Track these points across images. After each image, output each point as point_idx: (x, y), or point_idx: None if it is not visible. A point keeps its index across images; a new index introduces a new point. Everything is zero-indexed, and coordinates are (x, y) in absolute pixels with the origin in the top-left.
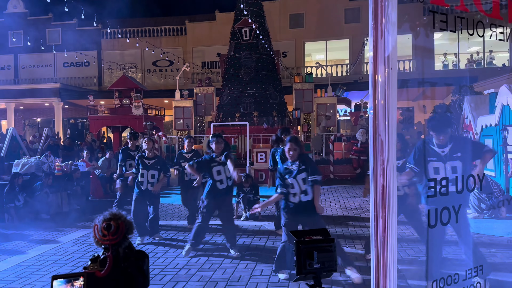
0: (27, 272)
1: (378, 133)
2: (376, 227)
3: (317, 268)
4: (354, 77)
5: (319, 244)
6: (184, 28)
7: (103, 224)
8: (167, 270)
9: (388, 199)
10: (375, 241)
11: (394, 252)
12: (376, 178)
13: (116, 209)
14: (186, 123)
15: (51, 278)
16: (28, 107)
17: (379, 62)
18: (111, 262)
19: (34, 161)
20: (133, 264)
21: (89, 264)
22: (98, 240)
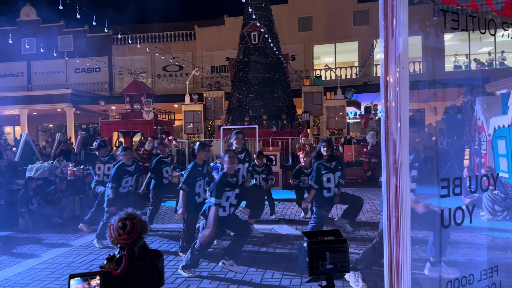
0: (41, 275)
1: (391, 133)
2: (389, 227)
3: (329, 269)
4: (363, 79)
5: (331, 244)
6: (193, 33)
7: (119, 223)
8: (179, 273)
9: (401, 198)
10: (388, 241)
11: (408, 252)
12: (389, 177)
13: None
14: (196, 127)
15: (69, 277)
16: (41, 113)
17: (390, 62)
18: (126, 260)
19: (47, 165)
20: (148, 263)
21: (105, 263)
22: (113, 239)
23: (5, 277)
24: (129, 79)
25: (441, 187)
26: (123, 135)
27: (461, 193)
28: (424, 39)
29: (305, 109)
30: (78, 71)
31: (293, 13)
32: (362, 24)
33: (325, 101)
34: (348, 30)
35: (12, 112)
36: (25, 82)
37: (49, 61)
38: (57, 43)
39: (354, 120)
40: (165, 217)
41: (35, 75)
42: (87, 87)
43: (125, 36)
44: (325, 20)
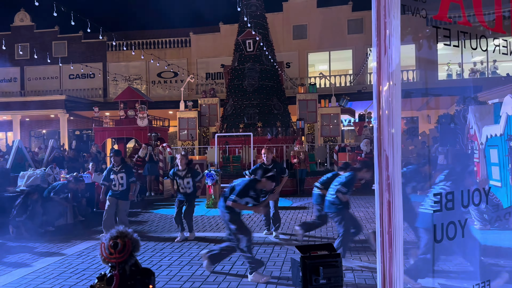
0: (32, 285)
1: (383, 148)
2: (382, 242)
3: (323, 283)
4: (357, 87)
5: (325, 259)
6: (188, 40)
7: (110, 242)
8: (172, 283)
9: (394, 214)
10: (381, 257)
11: (401, 267)
12: (382, 193)
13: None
14: (191, 134)
15: None
16: (34, 119)
17: (383, 78)
18: (117, 280)
19: (40, 173)
20: (140, 282)
21: (96, 283)
22: (105, 258)
23: None
24: (123, 85)
25: (434, 202)
26: (117, 141)
27: (454, 208)
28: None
29: (299, 117)
30: (72, 77)
31: (288, 21)
32: (356, 32)
33: (319, 109)
34: (342, 38)
35: (4, 118)
36: (18, 88)
37: (43, 67)
38: (51, 49)
39: (348, 127)
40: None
41: (28, 81)
42: (81, 93)
43: (120, 42)
44: (320, 28)
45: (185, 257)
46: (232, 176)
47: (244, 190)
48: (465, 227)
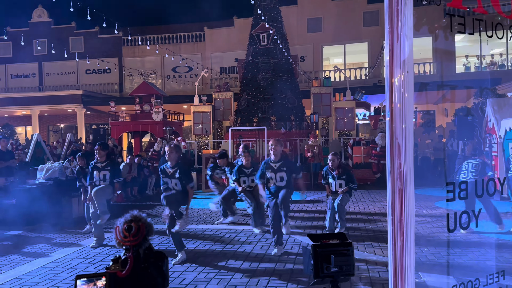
0: (51, 274)
1: (395, 137)
2: (394, 231)
3: (334, 272)
4: (373, 80)
5: (336, 248)
6: (202, 34)
7: (124, 225)
8: (186, 274)
9: (406, 202)
10: (393, 245)
11: (412, 256)
12: (394, 181)
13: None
14: (205, 128)
15: (75, 277)
16: (52, 114)
17: (396, 66)
18: (131, 262)
19: (58, 166)
20: (153, 265)
21: (110, 265)
22: (119, 241)
23: (16, 276)
24: (139, 80)
25: (447, 191)
26: (133, 135)
27: (467, 197)
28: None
29: (313, 110)
30: (88, 72)
31: (303, 14)
32: (372, 25)
33: (334, 102)
34: (357, 31)
35: (23, 113)
36: (37, 83)
37: (60, 62)
38: (68, 44)
39: (363, 121)
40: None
41: (46, 76)
42: (97, 88)
43: (135, 37)
44: (335, 21)
45: (198, 249)
46: None
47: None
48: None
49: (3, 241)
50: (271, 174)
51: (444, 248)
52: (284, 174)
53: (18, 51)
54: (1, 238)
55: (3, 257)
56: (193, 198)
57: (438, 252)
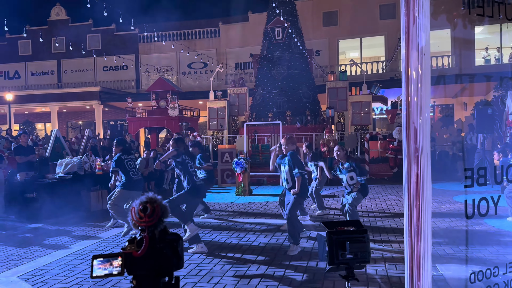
0: (70, 265)
1: (412, 121)
2: (410, 216)
3: (349, 258)
4: (390, 74)
5: (351, 235)
6: (217, 30)
7: (140, 206)
8: (203, 265)
9: (422, 187)
10: (409, 231)
11: (429, 242)
12: (410, 166)
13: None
14: (220, 123)
15: (92, 257)
16: (71, 110)
17: (412, 48)
18: (147, 242)
19: (77, 160)
20: (168, 246)
21: (126, 245)
22: (135, 223)
23: (37, 267)
24: (155, 77)
25: (465, 177)
26: (150, 131)
27: (485, 184)
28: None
29: (329, 105)
30: (106, 69)
31: (318, 8)
32: (388, 18)
33: (350, 97)
34: (374, 24)
35: (43, 109)
36: (56, 80)
37: (78, 60)
38: (86, 42)
39: (380, 116)
40: None
41: (65, 73)
42: (114, 85)
43: (151, 34)
44: (351, 15)
45: (215, 242)
46: (261, 165)
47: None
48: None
49: (24, 233)
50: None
51: (462, 242)
52: (285, 166)
53: (37, 49)
54: (22, 230)
55: (24, 249)
56: (208, 192)
57: (456, 246)
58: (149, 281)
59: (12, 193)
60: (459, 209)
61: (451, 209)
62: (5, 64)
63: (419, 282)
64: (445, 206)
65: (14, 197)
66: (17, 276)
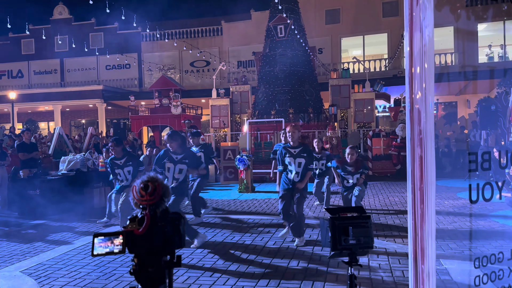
0: (73, 260)
1: (415, 103)
2: (414, 199)
3: (352, 244)
4: (393, 71)
5: (354, 220)
6: (220, 28)
7: (141, 185)
8: (205, 260)
9: (426, 169)
10: (413, 214)
11: (433, 224)
12: (414, 148)
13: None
14: (223, 121)
15: (93, 236)
16: (74, 109)
17: (416, 29)
18: (148, 219)
19: (79, 157)
20: (170, 224)
21: (128, 224)
22: (136, 201)
23: (40, 262)
24: (158, 75)
25: (469, 161)
26: (152, 129)
27: (490, 168)
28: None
29: (332, 102)
30: (109, 68)
31: (320, 5)
32: (391, 15)
33: (353, 94)
34: (377, 22)
35: (46, 108)
36: (59, 79)
37: (81, 58)
38: (89, 41)
39: (383, 113)
40: None
41: (67, 72)
42: (117, 83)
43: (153, 32)
44: (353, 12)
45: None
46: (264, 162)
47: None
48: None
49: (27, 229)
50: (290, 160)
51: (466, 237)
52: (303, 161)
53: (40, 48)
54: (26, 227)
55: (27, 244)
56: (211, 189)
57: (460, 241)
58: (150, 260)
59: (16, 190)
60: (463, 205)
61: (454, 205)
62: (8, 63)
63: (423, 265)
64: (449, 202)
65: (17, 194)
66: (20, 270)
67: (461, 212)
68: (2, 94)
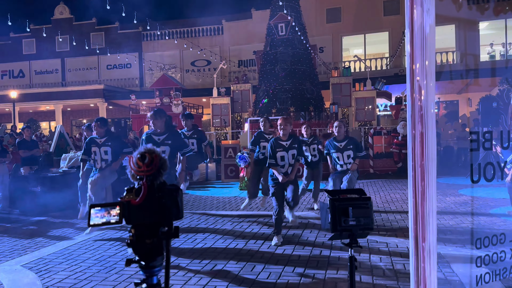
0: (74, 254)
1: (416, 77)
2: (414, 176)
3: (352, 225)
4: (394, 70)
5: (354, 201)
6: (221, 27)
7: (138, 155)
8: (207, 254)
9: (427, 146)
10: (413, 191)
11: (434, 201)
12: (414, 125)
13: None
14: (224, 119)
15: (89, 207)
16: (75, 108)
17: (416, 4)
18: (145, 189)
19: (80, 155)
20: (167, 195)
21: (124, 195)
22: (133, 173)
23: (40, 256)
24: (158, 75)
25: (470, 140)
26: None
27: (492, 148)
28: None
29: (333, 101)
30: (110, 67)
31: (321, 4)
32: (392, 14)
33: (354, 93)
34: (378, 20)
35: (47, 108)
36: (60, 79)
37: (82, 58)
38: (90, 40)
39: (384, 112)
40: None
41: (69, 72)
42: (118, 83)
43: (154, 32)
44: (354, 11)
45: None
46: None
47: None
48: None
49: (28, 226)
50: (283, 154)
51: (467, 236)
52: (295, 152)
53: (41, 48)
54: (27, 223)
55: (28, 240)
56: (212, 187)
57: (462, 239)
58: (148, 230)
59: (17, 187)
60: (464, 201)
61: (456, 201)
62: (9, 63)
63: (424, 244)
64: (450, 198)
65: (19, 191)
66: (20, 265)
67: (463, 208)
68: (4, 93)
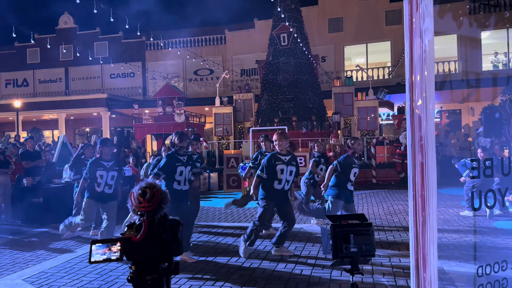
0: (75, 268)
1: (415, 108)
2: (415, 206)
3: (354, 252)
4: (396, 79)
5: (356, 228)
6: (224, 37)
7: (139, 191)
8: (207, 269)
9: (427, 176)
10: (414, 221)
11: (434, 231)
12: (414, 155)
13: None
14: (226, 129)
15: (90, 242)
16: (78, 117)
17: (416, 35)
18: (146, 226)
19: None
20: (168, 231)
21: (125, 230)
22: (134, 208)
23: (42, 270)
24: (162, 84)
25: (471, 167)
26: (156, 137)
27: (493, 175)
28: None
29: (335, 110)
30: (113, 77)
31: (323, 14)
32: (394, 23)
33: (356, 102)
34: (380, 30)
35: (51, 117)
36: (63, 88)
37: (86, 67)
38: (93, 50)
39: (387, 121)
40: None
41: (72, 81)
42: (121, 92)
43: (157, 41)
44: (356, 21)
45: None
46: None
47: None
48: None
49: (30, 237)
50: (282, 167)
51: (470, 246)
52: (294, 169)
53: (45, 57)
54: (29, 235)
55: (30, 252)
56: (215, 197)
57: (464, 249)
58: (148, 266)
59: (19, 198)
60: (467, 214)
61: (458, 214)
62: (13, 72)
63: (425, 274)
64: (453, 210)
65: (21, 202)
66: (22, 279)
67: (465, 220)
68: (8, 102)
